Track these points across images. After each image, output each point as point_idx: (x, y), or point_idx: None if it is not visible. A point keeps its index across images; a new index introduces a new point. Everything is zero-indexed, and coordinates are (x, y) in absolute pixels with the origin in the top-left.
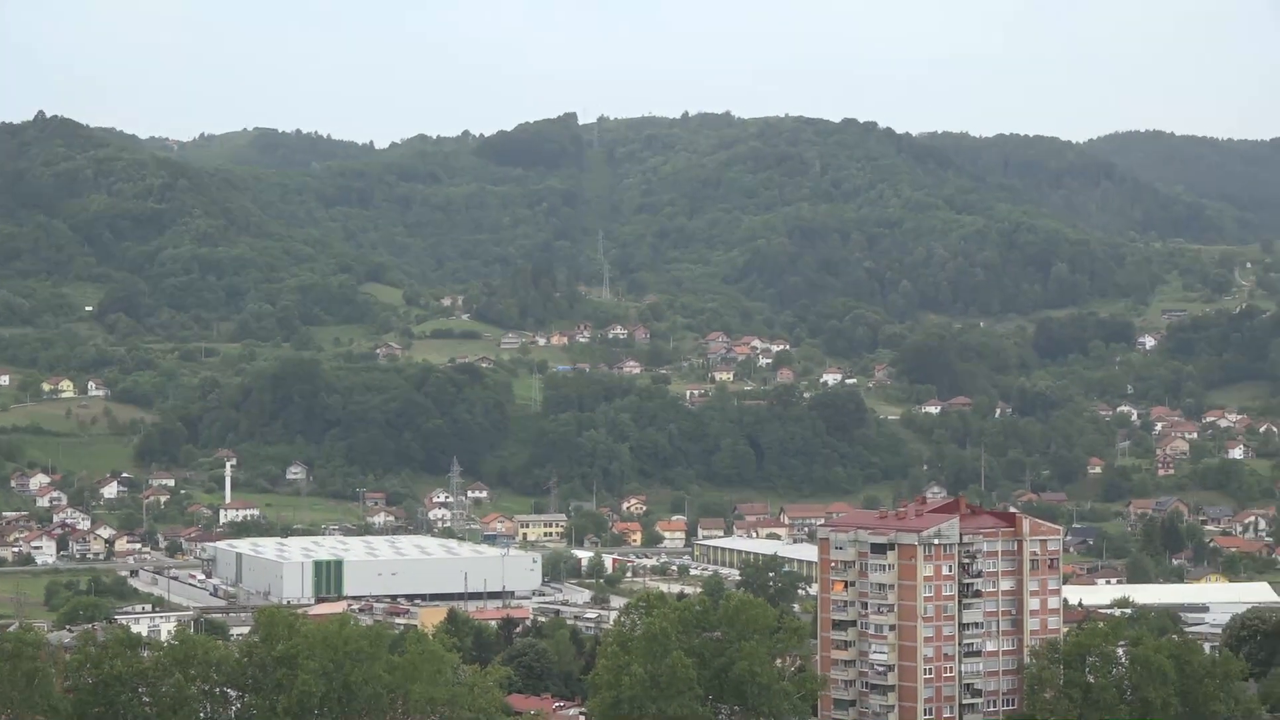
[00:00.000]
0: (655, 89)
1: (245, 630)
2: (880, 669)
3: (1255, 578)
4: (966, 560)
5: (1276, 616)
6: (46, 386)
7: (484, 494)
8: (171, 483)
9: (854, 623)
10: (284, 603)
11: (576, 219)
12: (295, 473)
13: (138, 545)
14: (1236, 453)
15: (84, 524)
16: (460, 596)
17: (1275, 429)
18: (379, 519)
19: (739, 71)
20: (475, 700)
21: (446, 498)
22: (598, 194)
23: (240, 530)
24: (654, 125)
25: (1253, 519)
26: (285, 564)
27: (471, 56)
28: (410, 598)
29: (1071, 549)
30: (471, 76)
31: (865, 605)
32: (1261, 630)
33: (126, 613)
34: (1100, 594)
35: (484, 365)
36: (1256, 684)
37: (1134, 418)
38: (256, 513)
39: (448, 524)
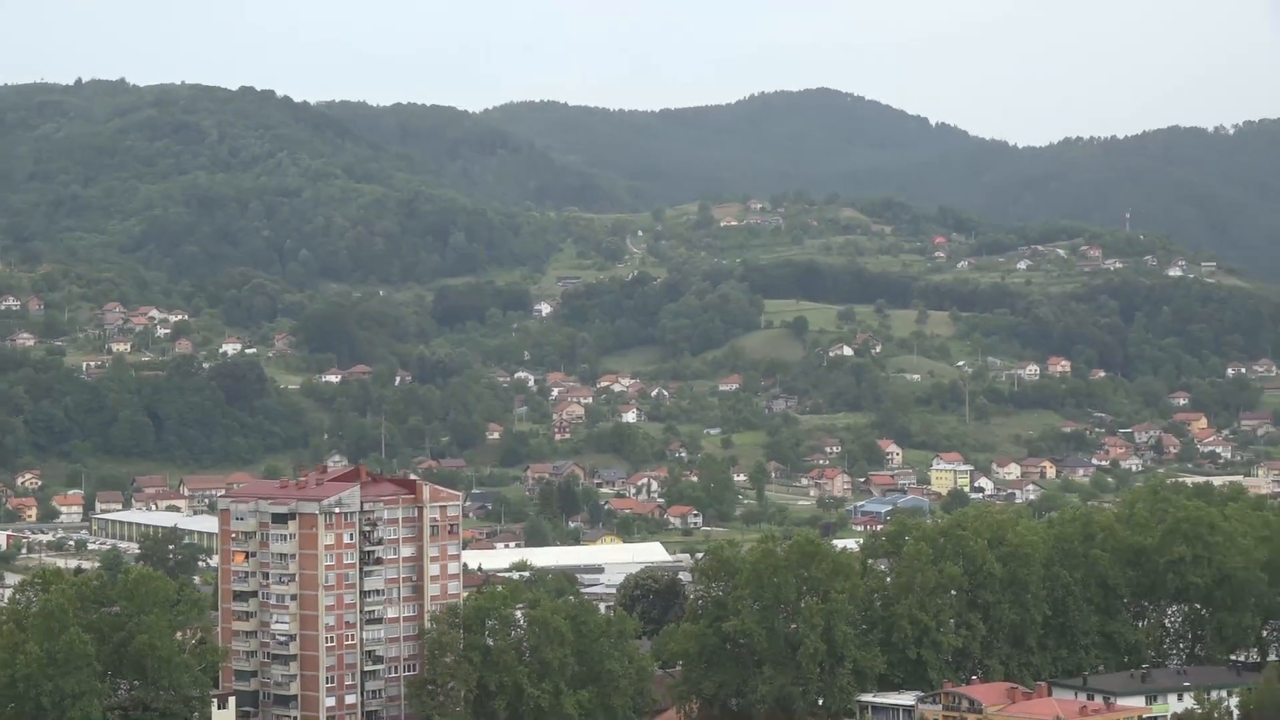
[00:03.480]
0: (47, 55)
1: None
2: (282, 639)
3: (648, 538)
4: (367, 528)
5: (668, 576)
6: None
7: None
8: None
9: (255, 593)
10: None
11: None
12: None
13: None
14: (630, 416)
15: None
16: None
17: (666, 393)
18: None
19: (137, 37)
20: None
21: None
22: None
23: None
24: (46, 91)
25: (646, 481)
26: None
27: None
28: None
29: (471, 514)
30: None
31: (267, 575)
32: (654, 589)
33: None
34: (499, 558)
35: None
36: (650, 641)
37: (531, 384)
38: None
39: None
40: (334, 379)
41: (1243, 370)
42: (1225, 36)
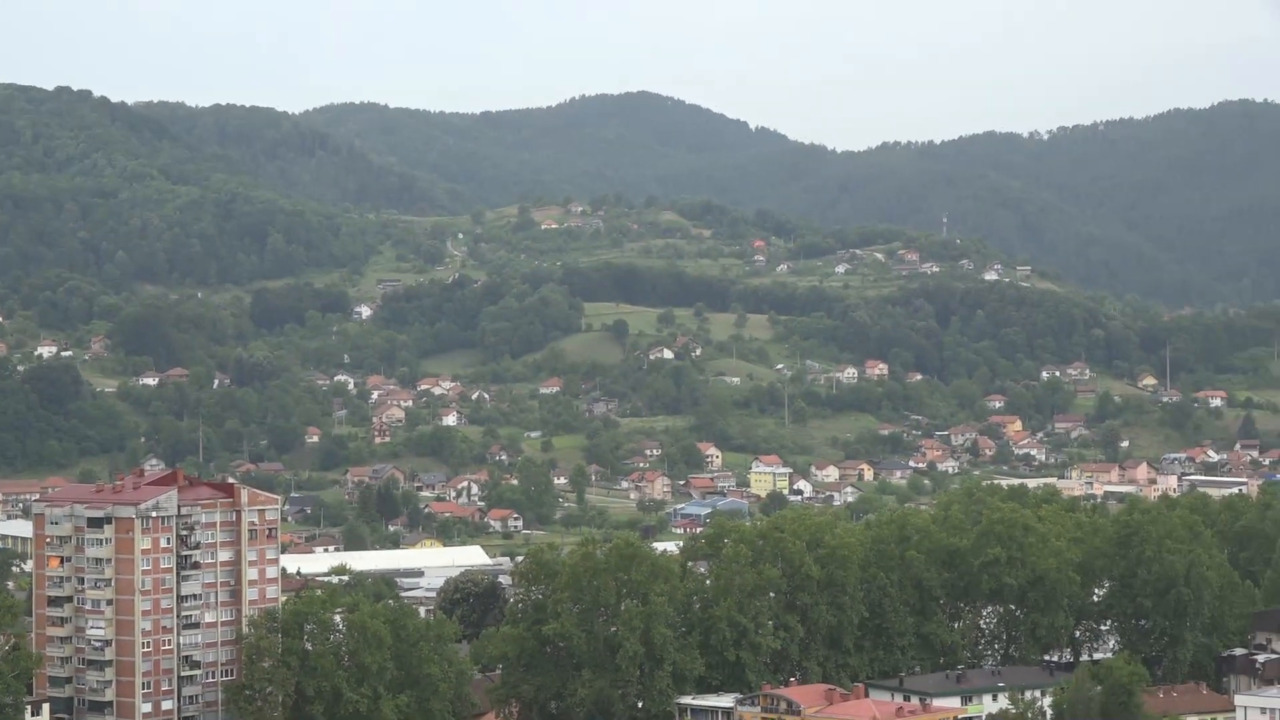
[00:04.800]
0: None
1: None
2: (98, 645)
3: (468, 541)
4: (185, 532)
5: (488, 579)
6: None
7: None
8: None
9: (70, 598)
10: None
11: None
12: None
13: None
14: (450, 420)
15: None
16: None
17: (487, 396)
18: None
19: None
20: None
21: None
22: None
23: None
24: None
25: (466, 484)
26: None
27: None
28: None
29: (290, 518)
30: None
31: (82, 580)
32: (474, 593)
33: None
34: (318, 562)
35: None
36: (469, 645)
37: (350, 387)
38: None
39: None
40: (151, 382)
41: (1056, 373)
42: (1037, 43)
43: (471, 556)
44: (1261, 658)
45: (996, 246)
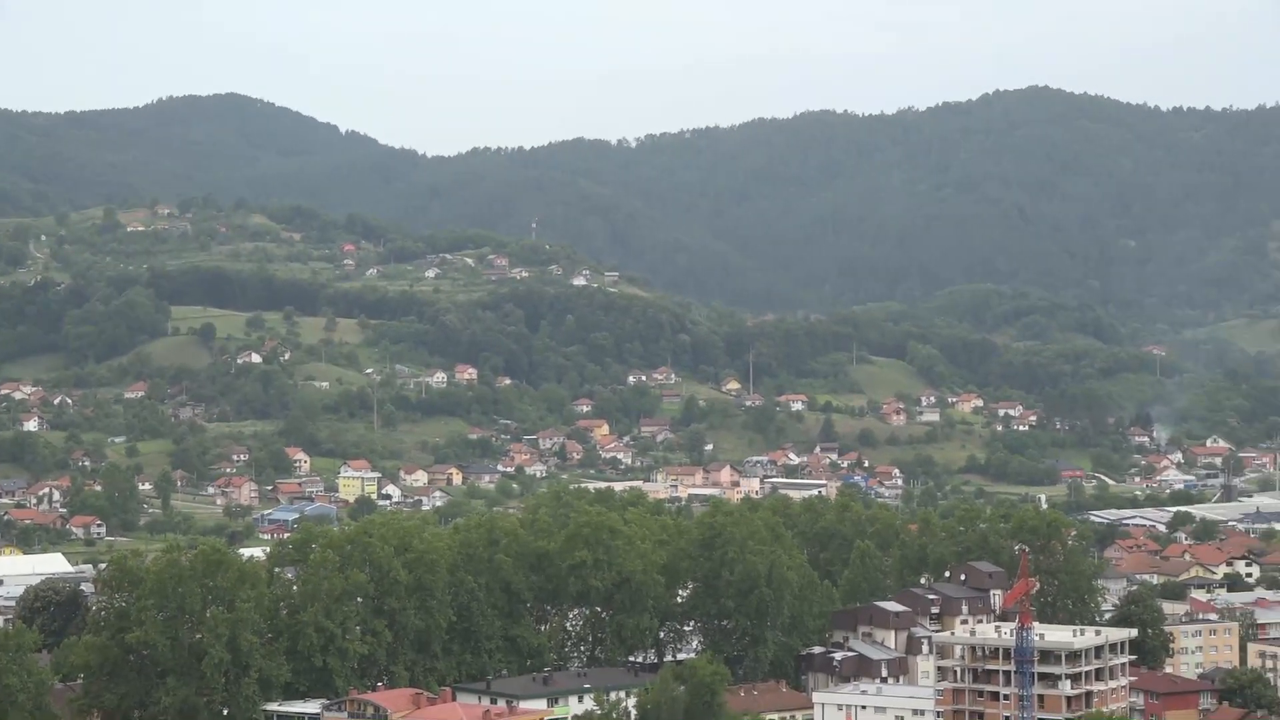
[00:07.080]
0: None
1: None
2: None
3: (50, 549)
4: None
5: (70, 587)
6: None
7: None
8: None
9: None
10: None
11: None
12: None
13: None
14: (31, 425)
15: None
16: None
17: (70, 400)
18: None
19: None
20: None
21: None
22: None
23: None
24: None
25: (47, 490)
26: None
27: None
28: None
29: None
30: None
31: None
32: (55, 601)
33: None
34: None
35: None
36: (50, 655)
37: None
38: None
39: None
40: None
41: (643, 378)
42: (622, 50)
43: (53, 564)
44: (839, 655)
45: (585, 252)
